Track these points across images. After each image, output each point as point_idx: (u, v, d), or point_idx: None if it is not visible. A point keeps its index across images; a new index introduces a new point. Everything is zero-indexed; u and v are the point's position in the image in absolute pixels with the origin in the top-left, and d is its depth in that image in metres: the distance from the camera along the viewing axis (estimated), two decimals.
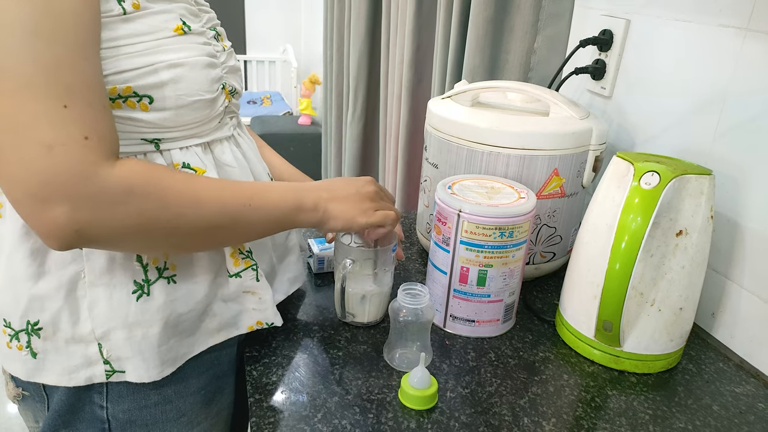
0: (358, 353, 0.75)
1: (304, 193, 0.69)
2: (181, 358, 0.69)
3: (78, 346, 0.64)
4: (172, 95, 0.61)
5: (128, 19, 0.58)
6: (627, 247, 0.67)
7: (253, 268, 0.71)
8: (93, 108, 0.54)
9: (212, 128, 0.68)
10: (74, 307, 0.63)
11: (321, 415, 0.64)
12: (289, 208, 0.67)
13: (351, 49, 2.11)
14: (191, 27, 0.64)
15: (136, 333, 0.64)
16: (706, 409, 0.69)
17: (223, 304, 0.71)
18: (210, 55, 0.65)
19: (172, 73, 0.60)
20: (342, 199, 0.70)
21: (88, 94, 0.53)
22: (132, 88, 0.58)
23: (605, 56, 1.05)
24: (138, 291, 0.64)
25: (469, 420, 0.65)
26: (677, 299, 0.72)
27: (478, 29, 1.26)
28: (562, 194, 0.89)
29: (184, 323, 0.68)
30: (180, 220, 0.59)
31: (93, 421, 0.68)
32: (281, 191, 0.68)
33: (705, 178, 0.70)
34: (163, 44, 0.60)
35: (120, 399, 0.68)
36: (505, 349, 0.78)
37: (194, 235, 0.62)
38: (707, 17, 0.84)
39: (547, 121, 0.88)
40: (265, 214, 0.66)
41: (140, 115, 0.60)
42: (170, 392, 0.70)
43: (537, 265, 0.94)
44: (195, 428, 0.73)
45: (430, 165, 0.96)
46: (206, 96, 0.64)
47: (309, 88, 3.79)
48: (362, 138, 2.20)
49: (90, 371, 0.65)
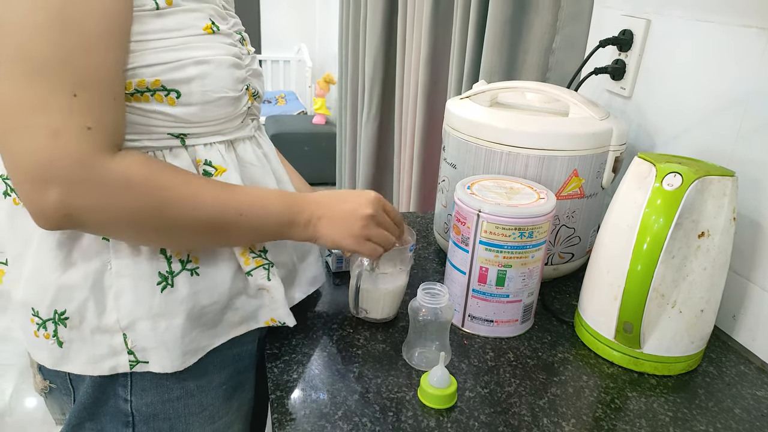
0: (377, 352, 0.75)
1: (299, 207, 0.69)
2: (203, 350, 0.70)
3: (103, 336, 0.65)
4: (199, 90, 0.62)
5: (160, 14, 0.59)
6: (649, 248, 0.67)
7: (265, 267, 0.71)
8: (102, 99, 0.55)
9: (235, 127, 0.69)
10: (100, 297, 0.64)
11: (341, 412, 0.65)
12: (282, 222, 0.68)
13: (366, 48, 2.12)
14: (219, 27, 0.65)
15: (160, 324, 0.65)
16: (728, 412, 0.69)
17: (246, 299, 0.72)
18: (236, 56, 0.66)
19: (199, 69, 0.61)
20: (334, 218, 0.70)
21: (100, 85, 0.55)
22: (160, 82, 0.59)
23: (625, 56, 1.04)
24: (162, 282, 0.65)
25: (488, 420, 0.65)
26: (698, 301, 0.72)
27: (495, 29, 1.26)
28: (582, 195, 0.89)
29: (207, 315, 0.68)
30: (173, 219, 0.61)
31: (117, 414, 0.69)
32: (278, 203, 0.68)
33: (728, 180, 0.69)
34: (191, 41, 0.61)
35: (143, 393, 0.69)
36: (523, 349, 0.78)
37: (186, 235, 0.63)
38: (729, 17, 0.83)
39: (567, 122, 0.88)
40: (257, 225, 0.66)
41: (167, 108, 0.61)
42: (192, 386, 0.71)
43: (555, 266, 0.93)
44: (216, 422, 0.74)
45: (449, 165, 0.96)
46: (231, 94, 0.65)
47: (323, 88, 3.81)
48: (377, 138, 2.20)
49: (114, 361, 0.66)
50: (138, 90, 0.59)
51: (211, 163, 0.66)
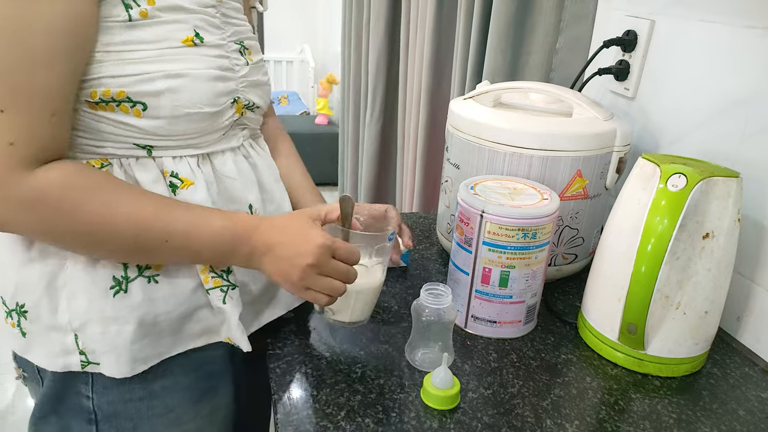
0: (380, 353, 0.75)
1: (242, 239, 0.65)
2: (156, 357, 0.68)
3: (57, 334, 0.66)
4: (168, 105, 0.61)
5: (133, 26, 0.59)
6: (653, 249, 0.67)
7: (222, 289, 0.69)
8: (34, 116, 0.55)
9: (213, 140, 0.69)
10: (53, 297, 0.65)
11: (344, 413, 0.65)
12: (222, 252, 0.65)
13: (370, 48, 2.12)
14: (204, 39, 0.64)
15: (110, 328, 0.65)
16: (732, 414, 0.69)
17: (209, 312, 0.71)
18: (222, 69, 0.66)
19: (171, 82, 0.61)
20: (276, 260, 0.65)
21: (36, 101, 0.55)
22: (126, 93, 0.59)
23: (629, 57, 1.04)
24: (116, 287, 0.65)
25: (491, 421, 0.65)
26: (703, 303, 0.72)
27: (499, 29, 1.26)
28: (585, 196, 0.89)
29: (162, 323, 0.67)
30: (88, 237, 0.60)
31: (80, 411, 0.69)
32: (218, 233, 0.64)
33: (732, 181, 0.69)
34: (165, 54, 0.61)
35: (105, 391, 0.68)
36: (526, 350, 0.78)
37: (109, 252, 0.63)
38: (734, 18, 0.83)
39: (571, 122, 0.87)
40: (188, 253, 0.64)
41: (133, 120, 0.61)
42: (157, 387, 0.70)
43: (559, 267, 0.93)
44: (183, 426, 0.73)
45: (452, 165, 0.96)
46: (206, 109, 0.64)
47: (326, 88, 3.81)
48: (380, 138, 2.20)
49: (67, 359, 0.67)
50: (103, 99, 0.59)
51: (177, 176, 0.66)
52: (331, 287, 0.65)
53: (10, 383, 1.98)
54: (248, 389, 0.82)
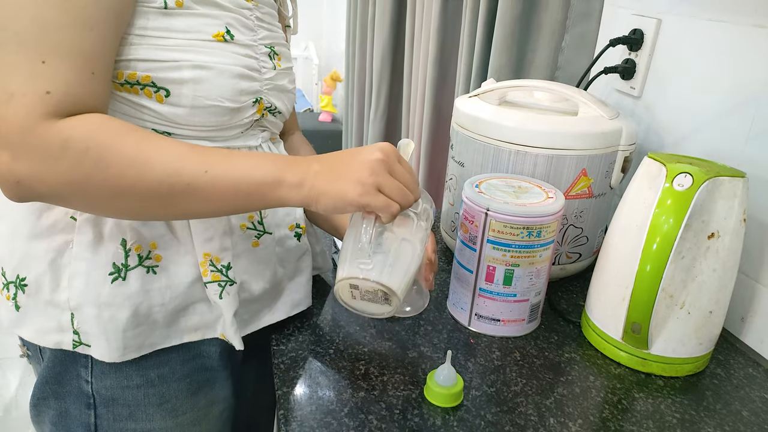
0: (384, 349, 0.75)
1: (290, 164, 0.59)
2: (148, 347, 0.69)
3: (54, 311, 0.66)
4: (190, 94, 0.62)
5: (168, 13, 0.59)
6: (658, 248, 0.66)
7: (220, 284, 0.69)
8: (75, 71, 0.54)
9: (231, 136, 0.69)
10: (56, 273, 0.65)
11: (347, 409, 0.65)
12: (263, 181, 0.58)
13: (374, 46, 2.12)
14: (235, 37, 0.64)
15: (104, 313, 0.65)
16: (736, 415, 0.69)
17: (207, 307, 0.71)
18: (248, 68, 0.66)
19: (195, 73, 0.61)
20: (335, 168, 0.58)
21: (77, 58, 0.54)
22: (151, 78, 0.60)
23: (635, 56, 1.04)
24: (115, 274, 0.65)
25: (494, 419, 0.65)
26: (707, 302, 0.71)
27: (505, 27, 1.25)
28: (590, 195, 0.89)
29: (156, 314, 0.68)
30: (120, 181, 0.55)
31: (80, 395, 0.70)
32: (257, 160, 0.59)
33: (738, 181, 0.69)
34: (195, 45, 0.61)
35: (103, 376, 0.69)
36: (530, 349, 0.78)
37: (140, 199, 0.56)
38: (741, 17, 0.83)
39: (576, 121, 0.87)
40: (228, 185, 0.57)
41: (154, 105, 0.61)
42: (153, 376, 0.71)
43: (563, 266, 0.93)
44: (180, 417, 0.73)
45: (456, 163, 0.95)
46: (226, 104, 0.65)
47: (330, 85, 3.80)
48: (384, 135, 2.20)
49: (60, 336, 0.67)
50: (128, 81, 0.59)
51: None
52: (402, 193, 0.59)
53: (14, 376, 1.99)
54: (251, 388, 0.83)
